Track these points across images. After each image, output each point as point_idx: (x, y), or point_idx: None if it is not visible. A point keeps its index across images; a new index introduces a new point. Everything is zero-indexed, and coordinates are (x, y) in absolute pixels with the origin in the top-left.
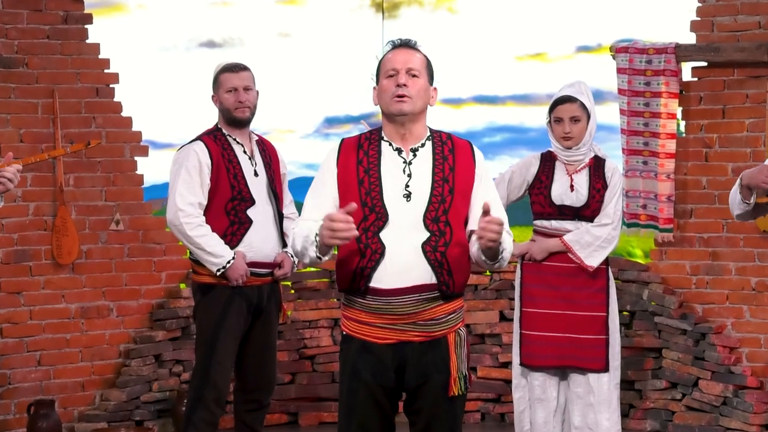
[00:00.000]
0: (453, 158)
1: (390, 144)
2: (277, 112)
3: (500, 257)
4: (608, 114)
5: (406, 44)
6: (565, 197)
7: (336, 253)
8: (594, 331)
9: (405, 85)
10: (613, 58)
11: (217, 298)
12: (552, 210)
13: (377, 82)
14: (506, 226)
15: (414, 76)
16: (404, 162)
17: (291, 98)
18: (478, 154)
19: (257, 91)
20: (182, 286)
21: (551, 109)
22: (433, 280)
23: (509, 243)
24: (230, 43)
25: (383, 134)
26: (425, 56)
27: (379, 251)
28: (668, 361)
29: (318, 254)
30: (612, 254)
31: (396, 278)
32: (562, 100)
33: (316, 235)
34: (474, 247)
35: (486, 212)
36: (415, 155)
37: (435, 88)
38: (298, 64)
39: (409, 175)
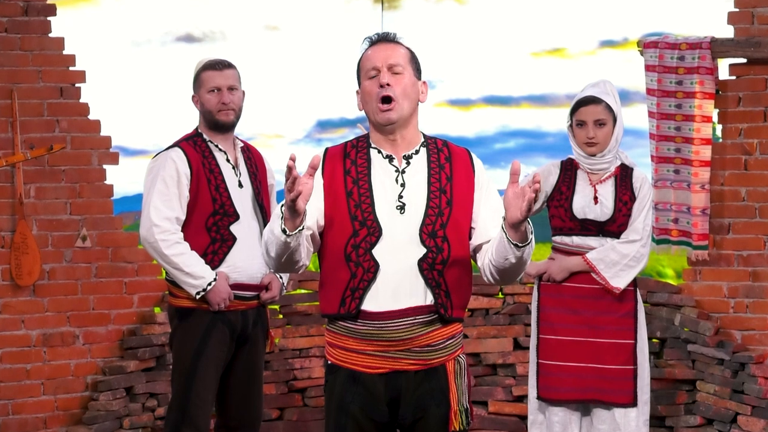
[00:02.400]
0: (450, 167)
1: (379, 151)
2: (264, 115)
3: (530, 239)
4: (636, 117)
5: (385, 38)
6: (588, 210)
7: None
8: (620, 361)
9: (388, 84)
10: (641, 54)
11: (197, 323)
12: (573, 224)
13: (359, 84)
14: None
15: (397, 73)
16: (396, 170)
17: (279, 99)
18: (477, 163)
19: (243, 92)
20: (157, 310)
21: (572, 112)
22: (430, 301)
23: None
24: (211, 37)
25: (371, 141)
26: (408, 49)
27: (373, 269)
28: (703, 394)
29: (282, 226)
30: (640, 274)
31: (390, 299)
32: (584, 101)
33: (282, 205)
34: (494, 248)
35: (515, 173)
36: (408, 163)
37: (424, 82)
38: (287, 61)
39: (403, 185)
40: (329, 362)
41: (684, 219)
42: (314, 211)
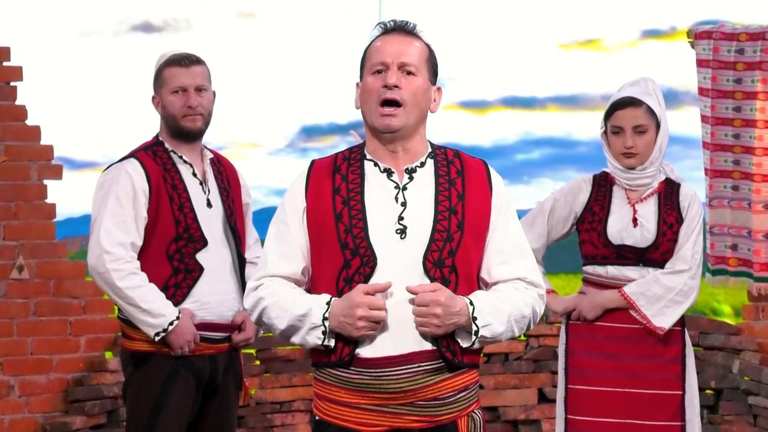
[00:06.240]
0: (462, 182)
1: (376, 164)
2: (239, 121)
3: (474, 341)
4: (685, 122)
5: (401, 28)
6: (626, 235)
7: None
8: (665, 417)
9: (396, 86)
10: (692, 47)
11: (156, 371)
12: (608, 252)
13: (361, 77)
14: (528, 273)
15: (409, 73)
16: (396, 187)
17: (256, 101)
18: (496, 178)
19: (213, 93)
20: (108, 355)
21: (607, 116)
22: (437, 344)
23: (505, 311)
24: (173, 26)
25: (366, 151)
26: (426, 45)
27: None
28: None
29: (326, 342)
30: (690, 312)
31: (389, 343)
32: (621, 103)
33: (325, 319)
34: None
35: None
36: (411, 178)
37: (439, 88)
38: (266, 55)
39: (404, 204)
40: (317, 418)
41: (744, 245)
42: (299, 247)
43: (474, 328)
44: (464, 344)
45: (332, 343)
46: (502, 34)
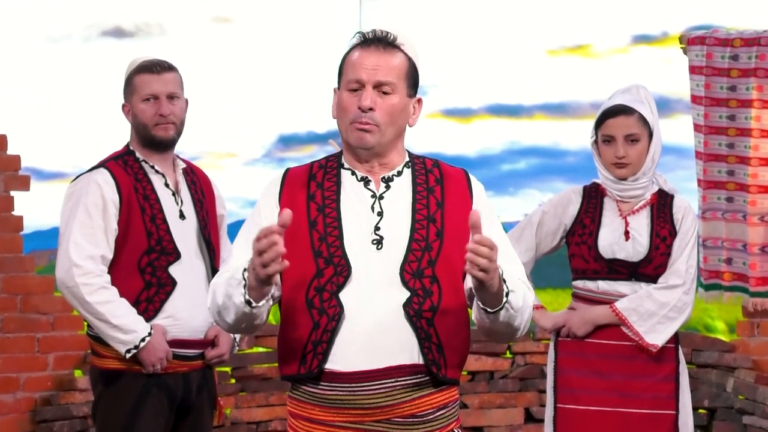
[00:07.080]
0: (441, 190)
1: (353, 172)
2: (213, 129)
3: (504, 303)
4: (677, 131)
5: (381, 40)
6: (618, 248)
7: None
8: None
9: (371, 109)
10: (685, 53)
11: (127, 390)
12: (599, 266)
13: (339, 83)
14: (522, 276)
15: (385, 93)
16: (373, 196)
17: (232, 109)
18: (477, 186)
19: (186, 100)
20: (77, 373)
21: (598, 125)
22: (417, 358)
23: (521, 290)
24: (145, 31)
25: (343, 160)
26: (407, 57)
27: (338, 318)
28: None
29: (247, 296)
30: (683, 328)
31: (363, 356)
32: (613, 111)
33: (245, 270)
34: (474, 303)
35: (475, 227)
36: (388, 187)
37: (419, 99)
38: (242, 62)
39: (380, 214)
40: None
41: (739, 259)
42: None
43: (505, 289)
44: (495, 315)
45: (261, 303)
46: (487, 39)
